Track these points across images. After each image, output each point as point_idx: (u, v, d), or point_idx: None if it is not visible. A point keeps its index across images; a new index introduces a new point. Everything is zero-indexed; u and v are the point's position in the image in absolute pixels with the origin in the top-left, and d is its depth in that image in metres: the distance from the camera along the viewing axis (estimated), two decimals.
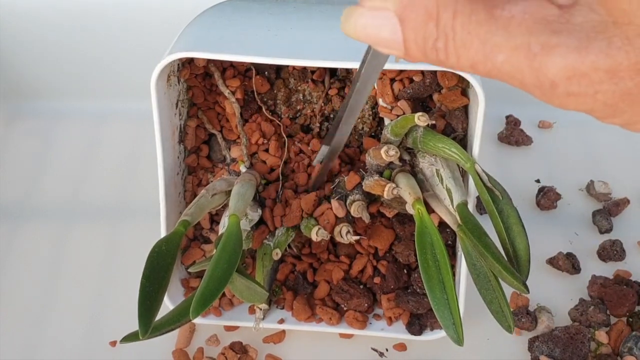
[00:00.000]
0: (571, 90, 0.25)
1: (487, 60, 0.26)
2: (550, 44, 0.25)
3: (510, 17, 0.26)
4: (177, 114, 0.53)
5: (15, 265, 0.62)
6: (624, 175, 0.68)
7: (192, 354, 0.55)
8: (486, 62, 0.26)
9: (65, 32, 0.73)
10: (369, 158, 0.50)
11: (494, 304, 0.45)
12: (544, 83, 0.26)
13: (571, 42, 0.25)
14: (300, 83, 0.55)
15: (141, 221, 0.64)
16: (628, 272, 0.59)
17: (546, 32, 0.25)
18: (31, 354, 0.56)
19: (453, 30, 0.26)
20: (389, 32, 0.28)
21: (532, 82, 0.26)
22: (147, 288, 0.42)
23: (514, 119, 0.73)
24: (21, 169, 0.71)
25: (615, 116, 0.26)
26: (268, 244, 0.52)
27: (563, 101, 0.26)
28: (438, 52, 0.27)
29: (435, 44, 0.27)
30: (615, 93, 0.25)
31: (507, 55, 0.26)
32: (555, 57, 0.25)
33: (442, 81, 0.49)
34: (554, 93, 0.26)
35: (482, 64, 0.26)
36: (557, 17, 0.25)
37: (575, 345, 0.53)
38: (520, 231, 0.45)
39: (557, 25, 0.25)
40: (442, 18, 0.26)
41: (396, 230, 0.53)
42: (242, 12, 0.52)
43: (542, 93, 0.26)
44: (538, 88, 0.26)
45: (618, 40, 0.24)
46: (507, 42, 0.26)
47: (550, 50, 0.25)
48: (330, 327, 0.54)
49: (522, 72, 0.26)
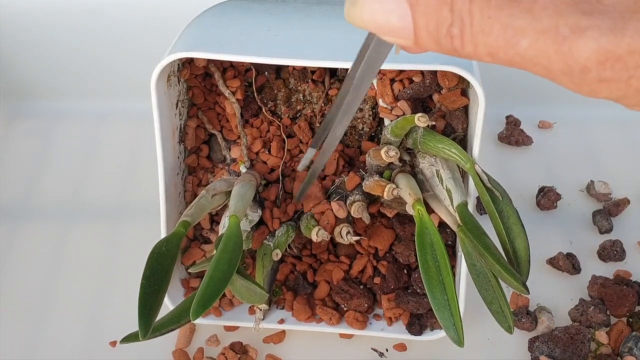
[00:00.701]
0: (604, 75, 0.24)
1: (509, 46, 0.24)
2: (581, 26, 0.23)
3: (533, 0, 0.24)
4: (177, 114, 0.53)
5: (15, 265, 0.62)
6: (624, 175, 0.68)
7: (192, 354, 0.55)
8: (508, 49, 0.24)
9: (65, 32, 0.73)
10: (368, 159, 0.50)
11: (494, 304, 0.45)
12: (574, 68, 0.24)
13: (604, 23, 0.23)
14: (300, 83, 0.55)
15: (141, 221, 0.64)
16: (628, 272, 0.59)
17: (576, 13, 0.24)
18: (31, 354, 0.56)
19: (470, 15, 0.24)
20: (397, 18, 0.26)
21: (560, 68, 0.24)
22: (147, 289, 0.42)
23: (514, 119, 0.73)
24: (21, 169, 0.71)
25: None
26: (268, 245, 0.52)
27: (594, 88, 0.24)
28: (453, 39, 0.25)
29: (450, 30, 0.25)
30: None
31: (532, 40, 0.24)
32: (587, 40, 0.23)
33: (442, 81, 0.49)
34: (585, 79, 0.24)
35: (504, 51, 0.25)
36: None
37: (576, 346, 0.53)
38: (520, 232, 0.45)
39: (586, 6, 0.24)
40: (457, 2, 0.24)
41: (396, 230, 0.53)
42: (242, 12, 0.52)
43: (570, 80, 0.25)
44: (567, 75, 0.24)
45: None
46: (531, 26, 0.24)
47: (581, 32, 0.23)
48: (331, 327, 0.54)
49: (549, 57, 0.24)
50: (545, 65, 0.24)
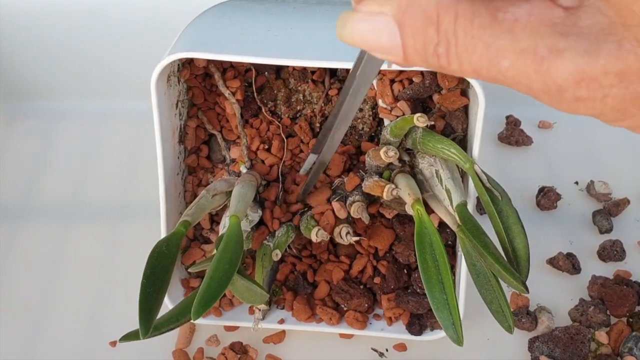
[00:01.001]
0: (580, 94, 0.25)
1: (491, 65, 0.25)
2: (558, 47, 0.24)
3: (514, 20, 0.25)
4: (177, 114, 0.53)
5: (15, 265, 0.62)
6: (624, 175, 0.68)
7: (192, 354, 0.55)
8: (490, 68, 0.25)
9: (65, 32, 0.73)
10: (368, 159, 0.50)
11: (494, 304, 0.45)
12: (552, 88, 0.25)
13: (580, 45, 0.24)
14: (300, 83, 0.55)
15: (141, 221, 0.64)
16: (628, 272, 0.59)
17: (553, 35, 0.24)
18: (31, 354, 0.56)
19: (455, 35, 0.25)
20: (387, 38, 0.27)
21: (539, 87, 0.25)
22: (147, 289, 0.42)
23: (514, 119, 0.73)
24: (21, 169, 0.71)
25: (625, 119, 0.26)
26: (268, 245, 0.52)
27: (571, 106, 0.25)
28: (440, 58, 0.26)
29: (436, 50, 0.26)
30: (626, 97, 0.25)
31: (513, 60, 0.25)
32: (563, 60, 0.24)
33: (442, 82, 0.49)
34: (562, 98, 0.25)
35: (486, 69, 0.26)
36: (564, 19, 0.25)
37: (576, 346, 0.53)
38: (519, 231, 0.45)
39: (564, 27, 0.24)
40: (443, 22, 0.25)
41: (396, 230, 0.53)
42: (242, 12, 0.52)
43: (549, 98, 0.26)
44: (545, 93, 0.25)
45: (628, 43, 0.24)
46: (512, 46, 0.25)
47: (558, 53, 0.24)
48: (331, 327, 0.54)
49: (529, 77, 0.25)
50: (526, 84, 0.25)
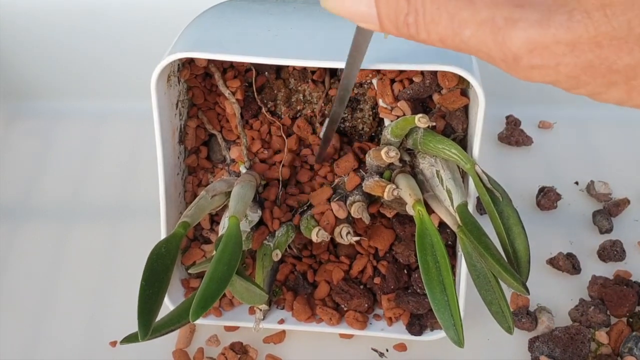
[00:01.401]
0: (534, 62, 0.26)
1: (455, 35, 0.27)
2: (513, 17, 0.26)
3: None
4: (177, 114, 0.53)
5: (15, 265, 0.62)
6: (624, 175, 0.68)
7: (192, 354, 0.55)
8: (454, 37, 0.27)
9: (65, 32, 0.73)
10: (369, 159, 0.50)
11: (494, 304, 0.45)
12: (508, 56, 0.27)
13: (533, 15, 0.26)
14: (300, 83, 0.55)
15: (141, 221, 0.64)
16: (628, 272, 0.59)
17: (509, 6, 0.26)
18: (31, 354, 0.56)
19: (423, 6, 0.27)
20: (364, 7, 0.29)
21: (498, 56, 0.27)
22: (146, 290, 0.42)
23: (514, 119, 0.73)
24: (21, 169, 0.71)
25: (580, 87, 0.27)
26: (268, 245, 0.52)
27: (527, 73, 0.27)
28: (409, 27, 0.28)
29: (406, 19, 0.28)
30: (577, 65, 0.26)
31: (474, 30, 0.27)
32: (517, 30, 0.26)
33: (442, 82, 0.49)
34: (518, 66, 0.27)
35: (451, 39, 0.27)
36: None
37: (576, 346, 0.53)
38: (520, 232, 0.45)
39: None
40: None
41: (396, 230, 0.53)
42: (242, 13, 0.52)
43: (507, 66, 0.27)
44: (503, 61, 0.27)
45: (578, 14, 0.25)
46: (473, 17, 0.27)
47: (513, 24, 0.26)
48: (331, 327, 0.54)
49: (488, 46, 0.27)
50: (486, 53, 0.27)
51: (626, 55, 0.25)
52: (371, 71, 0.51)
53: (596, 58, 0.26)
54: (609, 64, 0.26)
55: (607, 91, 0.27)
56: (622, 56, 0.25)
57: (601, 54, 0.25)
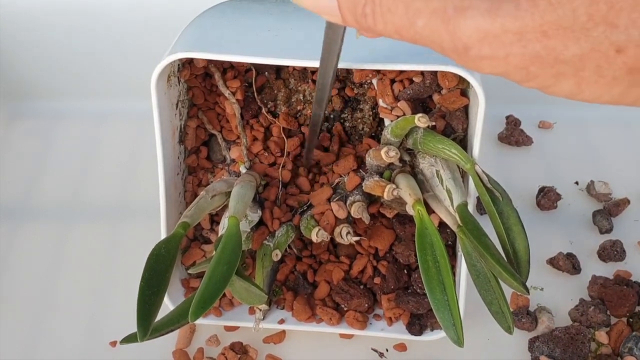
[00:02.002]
0: (483, 53, 0.26)
1: (410, 25, 0.27)
2: (462, 6, 0.26)
3: None
4: (177, 114, 0.53)
5: (15, 265, 0.62)
6: (624, 175, 0.68)
7: (192, 354, 0.55)
8: (409, 28, 0.27)
9: (65, 32, 0.73)
10: (369, 159, 0.50)
11: (493, 304, 0.45)
12: (459, 46, 0.26)
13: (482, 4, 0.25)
14: (300, 83, 0.55)
15: (141, 221, 0.64)
16: (628, 272, 0.59)
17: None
18: (31, 354, 0.56)
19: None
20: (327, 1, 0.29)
21: (449, 46, 0.27)
22: (146, 291, 0.42)
23: (514, 119, 0.73)
24: (21, 169, 0.71)
25: (530, 79, 0.26)
26: (268, 245, 0.52)
27: (477, 64, 0.27)
28: (367, 18, 0.28)
29: (364, 10, 0.28)
30: (525, 56, 0.25)
31: (426, 20, 0.26)
32: (467, 19, 0.26)
33: (442, 82, 0.49)
34: (468, 56, 0.26)
35: (406, 30, 0.27)
36: None
37: (576, 346, 0.53)
38: (520, 232, 0.45)
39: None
40: None
41: (396, 230, 0.53)
42: (242, 13, 0.52)
43: (458, 56, 0.27)
44: (454, 52, 0.27)
45: (524, 2, 0.25)
46: (426, 6, 0.26)
47: (462, 12, 0.26)
48: (331, 327, 0.54)
49: (440, 36, 0.26)
50: (439, 43, 0.27)
51: (573, 45, 0.25)
52: (371, 71, 0.51)
53: (543, 48, 0.25)
54: (556, 54, 0.25)
55: (556, 83, 0.26)
56: (568, 45, 0.25)
57: (548, 44, 0.25)
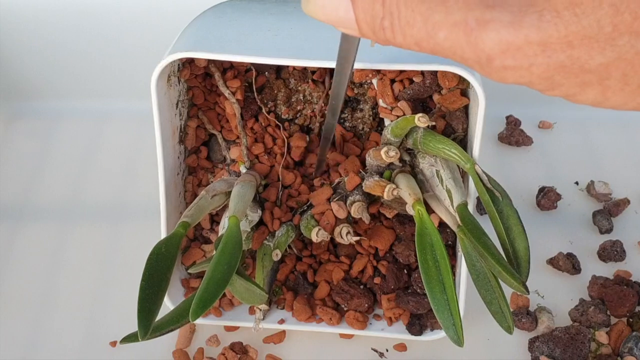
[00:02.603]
0: (507, 63, 0.26)
1: (429, 37, 0.27)
2: (484, 18, 0.26)
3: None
4: (178, 114, 0.53)
5: (15, 265, 0.62)
6: (624, 175, 0.68)
7: (192, 354, 0.55)
8: (429, 40, 0.27)
9: (65, 32, 0.73)
10: (369, 159, 0.50)
11: (493, 304, 0.45)
12: (482, 57, 0.26)
13: (504, 16, 0.26)
14: (300, 83, 0.55)
15: (141, 221, 0.64)
16: (628, 272, 0.59)
17: (481, 7, 0.26)
18: (31, 354, 0.56)
19: (398, 9, 0.27)
20: (343, 12, 0.29)
21: (472, 57, 0.27)
22: (146, 290, 0.42)
23: (514, 119, 0.73)
24: (21, 169, 0.71)
25: (554, 88, 0.27)
26: (268, 245, 0.52)
27: (501, 75, 0.27)
28: (385, 31, 0.28)
29: (382, 23, 0.28)
30: (550, 66, 0.26)
31: (447, 32, 0.27)
32: (489, 31, 0.26)
33: (443, 82, 0.49)
34: (492, 67, 0.27)
35: (426, 42, 0.27)
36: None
37: (576, 346, 0.53)
38: (520, 232, 0.44)
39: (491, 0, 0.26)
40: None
41: (396, 230, 0.53)
42: (242, 13, 0.52)
43: (481, 67, 0.27)
44: (477, 63, 0.27)
45: (547, 13, 0.25)
46: (446, 19, 0.27)
47: (485, 25, 0.26)
48: (331, 327, 0.54)
49: (462, 48, 0.27)
50: (460, 55, 0.27)
51: (598, 55, 0.25)
52: (371, 71, 0.51)
53: (568, 58, 0.25)
54: (581, 63, 0.25)
55: (581, 92, 0.27)
56: (593, 55, 0.25)
57: (573, 54, 0.25)
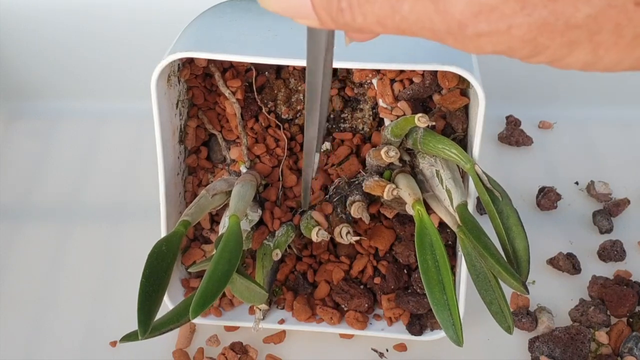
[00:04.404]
0: (481, 29, 0.23)
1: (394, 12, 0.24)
2: None
3: None
4: (178, 114, 0.53)
5: (15, 265, 0.62)
6: (624, 175, 0.68)
7: (192, 354, 0.55)
8: (394, 15, 0.24)
9: (65, 32, 0.73)
10: (369, 159, 0.50)
11: (493, 304, 0.45)
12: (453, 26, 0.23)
13: None
14: (300, 83, 0.55)
15: (141, 221, 0.64)
16: (628, 272, 0.59)
17: None
18: (31, 354, 0.56)
19: None
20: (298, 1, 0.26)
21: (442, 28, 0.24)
22: (146, 288, 0.42)
23: (514, 119, 0.73)
24: (21, 169, 0.71)
25: (539, 53, 0.24)
26: (268, 245, 0.52)
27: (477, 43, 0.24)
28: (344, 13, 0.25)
29: (339, 5, 0.25)
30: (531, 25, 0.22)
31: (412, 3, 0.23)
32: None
33: (442, 82, 0.49)
34: (465, 35, 0.23)
35: (390, 18, 0.24)
36: None
37: (576, 346, 0.53)
38: (520, 232, 0.44)
39: None
40: None
41: (396, 230, 0.53)
42: (241, 13, 0.52)
43: (454, 39, 0.24)
44: (449, 33, 0.24)
45: None
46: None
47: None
48: (331, 327, 0.54)
49: (431, 18, 0.23)
50: (429, 28, 0.24)
51: (584, 5, 0.22)
52: (371, 71, 0.51)
53: (551, 13, 0.22)
54: (566, 18, 0.22)
55: (569, 53, 0.23)
56: (579, 7, 0.22)
57: (556, 8, 0.22)
